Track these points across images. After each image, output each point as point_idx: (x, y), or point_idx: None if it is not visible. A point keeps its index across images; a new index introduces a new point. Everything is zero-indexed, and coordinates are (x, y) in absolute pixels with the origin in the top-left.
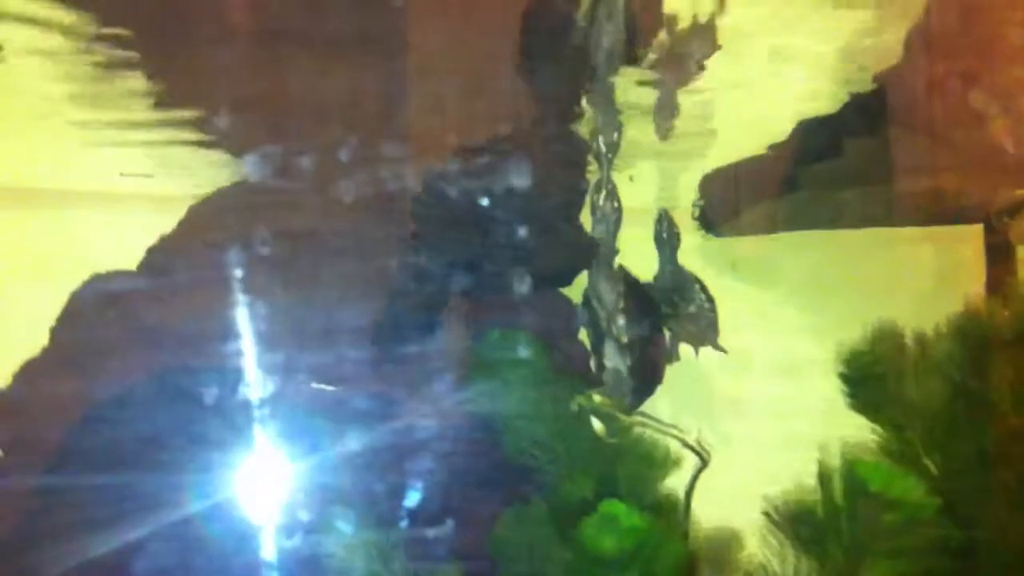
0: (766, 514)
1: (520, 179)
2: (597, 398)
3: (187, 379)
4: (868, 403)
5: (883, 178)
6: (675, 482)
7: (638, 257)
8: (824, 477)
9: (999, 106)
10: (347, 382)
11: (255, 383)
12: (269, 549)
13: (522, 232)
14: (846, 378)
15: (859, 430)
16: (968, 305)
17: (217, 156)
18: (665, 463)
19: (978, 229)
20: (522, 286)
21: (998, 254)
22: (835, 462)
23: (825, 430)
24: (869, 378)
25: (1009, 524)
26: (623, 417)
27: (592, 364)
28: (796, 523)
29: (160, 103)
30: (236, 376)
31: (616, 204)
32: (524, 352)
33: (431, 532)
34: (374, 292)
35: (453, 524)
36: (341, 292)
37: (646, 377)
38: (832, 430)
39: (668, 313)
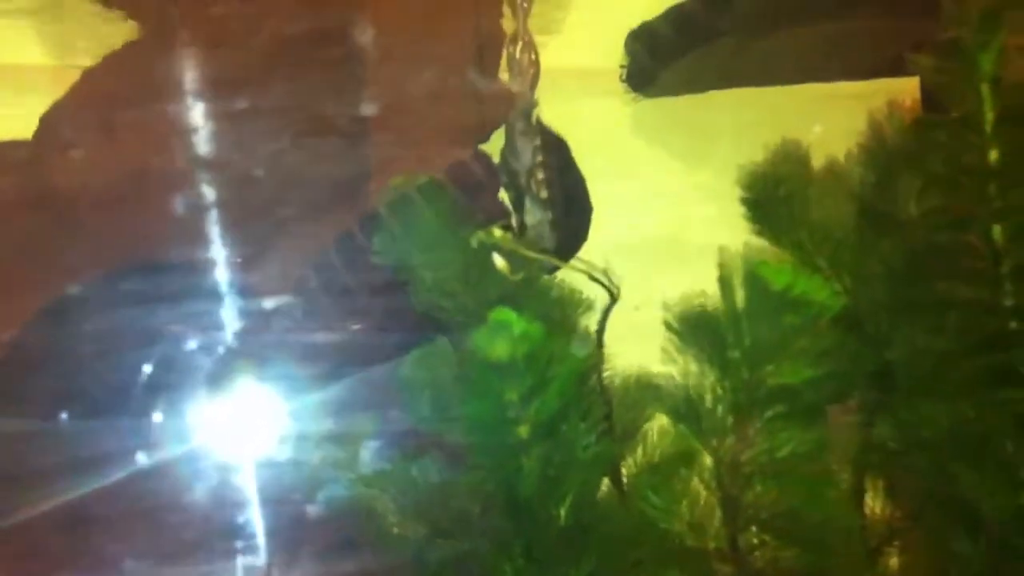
0: (666, 324)
1: None
2: (498, 233)
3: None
4: (771, 227)
5: (813, 19)
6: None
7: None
8: (724, 280)
9: None
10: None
11: None
12: None
13: None
14: (748, 201)
15: None
16: (872, 123)
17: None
18: (576, 303)
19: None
20: None
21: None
22: (737, 266)
23: None
24: (772, 200)
25: (920, 342)
26: (526, 252)
27: (514, 223)
28: (696, 330)
29: None
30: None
31: (533, 57)
32: (427, 195)
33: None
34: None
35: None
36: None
37: (570, 233)
38: None
39: None
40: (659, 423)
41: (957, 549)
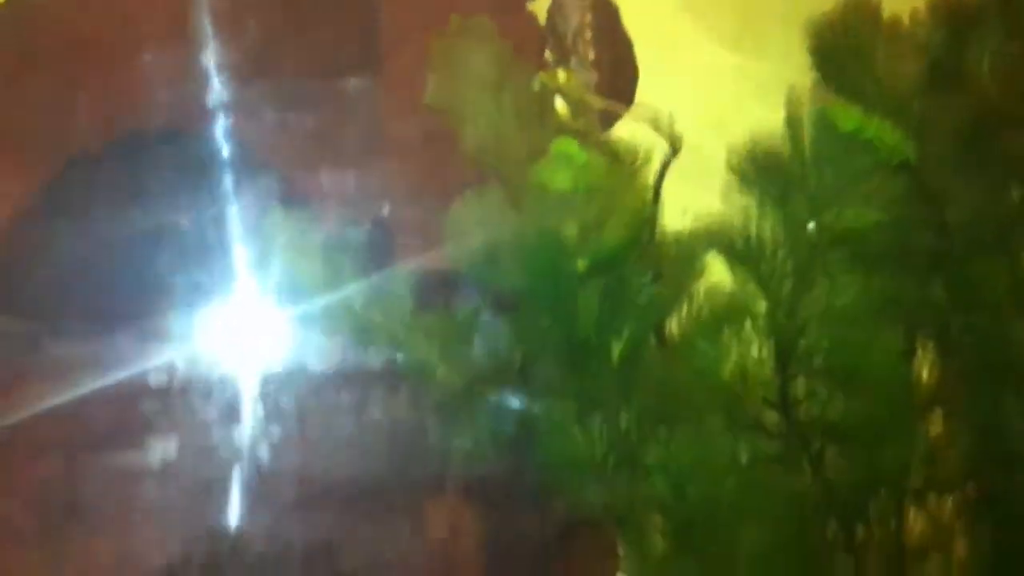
0: (729, 164)
1: None
2: (562, 75)
3: None
4: (837, 78)
5: None
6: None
7: None
8: (792, 120)
9: None
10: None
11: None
12: None
13: None
14: (814, 49)
15: None
16: None
17: None
18: (634, 153)
19: None
20: None
21: None
22: (805, 107)
23: None
24: (839, 50)
25: (983, 200)
26: (590, 97)
27: None
28: (760, 171)
29: None
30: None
31: None
32: (481, 36)
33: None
34: None
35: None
36: None
37: (614, 97)
38: None
39: None
40: (707, 282)
41: (1005, 411)
